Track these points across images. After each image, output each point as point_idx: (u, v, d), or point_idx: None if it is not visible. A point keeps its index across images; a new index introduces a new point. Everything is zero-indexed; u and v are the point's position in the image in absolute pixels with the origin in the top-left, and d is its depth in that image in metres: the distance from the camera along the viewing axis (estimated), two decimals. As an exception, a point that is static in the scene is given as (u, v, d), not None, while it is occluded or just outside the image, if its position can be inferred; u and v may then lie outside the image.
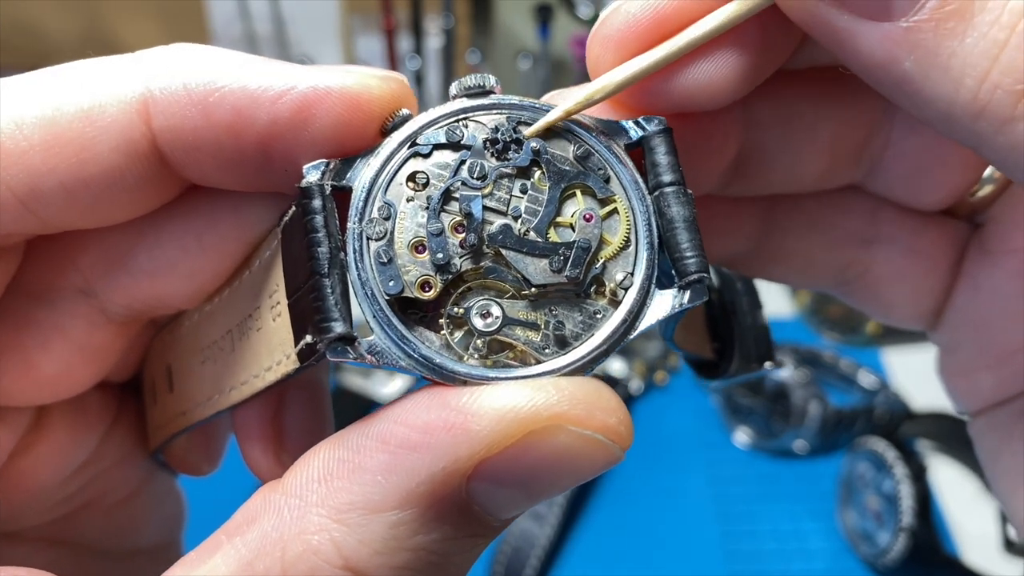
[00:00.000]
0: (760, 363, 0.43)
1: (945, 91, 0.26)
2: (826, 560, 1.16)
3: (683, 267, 0.30)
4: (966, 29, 0.25)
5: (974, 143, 0.27)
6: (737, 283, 0.44)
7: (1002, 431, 0.40)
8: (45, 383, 0.37)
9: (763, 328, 0.44)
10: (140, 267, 0.36)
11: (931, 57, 0.26)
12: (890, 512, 1.08)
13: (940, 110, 0.27)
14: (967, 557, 1.12)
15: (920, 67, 0.26)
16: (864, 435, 1.19)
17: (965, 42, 0.25)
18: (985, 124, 0.26)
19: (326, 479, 0.28)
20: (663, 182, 0.31)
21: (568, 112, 0.31)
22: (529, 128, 0.31)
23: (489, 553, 1.12)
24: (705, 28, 0.31)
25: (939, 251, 0.41)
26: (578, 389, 0.29)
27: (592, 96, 0.31)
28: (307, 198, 0.30)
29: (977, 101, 0.25)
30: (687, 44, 0.31)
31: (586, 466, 0.29)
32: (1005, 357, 0.39)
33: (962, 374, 0.42)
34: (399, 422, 0.28)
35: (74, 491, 0.42)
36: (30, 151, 0.30)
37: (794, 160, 0.38)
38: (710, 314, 0.43)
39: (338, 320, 0.28)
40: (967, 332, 0.41)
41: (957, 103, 0.26)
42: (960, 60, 0.25)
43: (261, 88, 0.30)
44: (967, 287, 0.40)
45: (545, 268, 0.30)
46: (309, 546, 0.27)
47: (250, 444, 0.41)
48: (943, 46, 0.25)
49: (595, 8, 1.68)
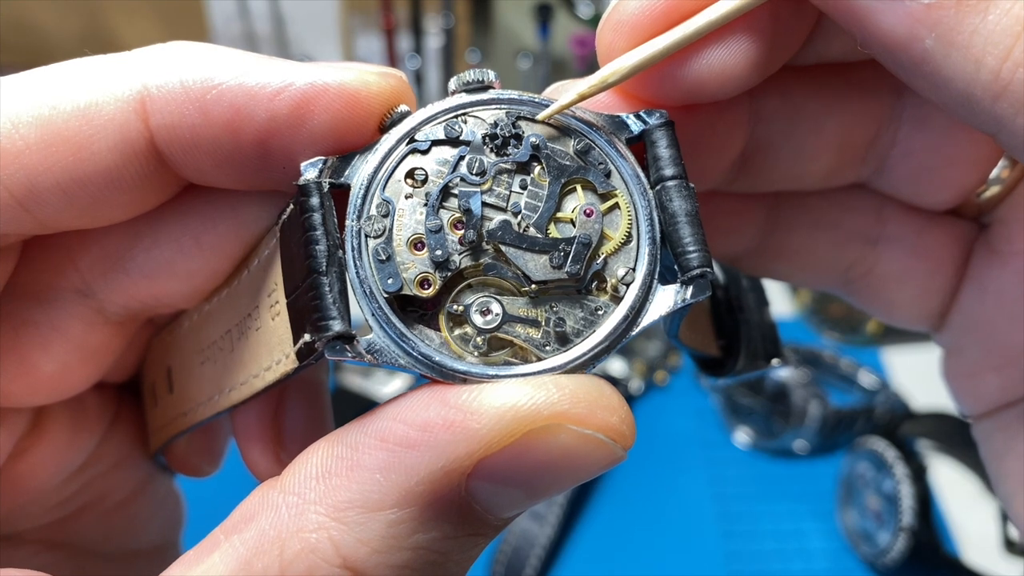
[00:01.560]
0: (768, 360, 0.42)
1: (966, 70, 0.25)
2: (826, 560, 1.16)
3: (685, 262, 0.30)
4: (988, 6, 0.25)
5: (993, 127, 0.26)
6: (743, 280, 0.43)
7: (1007, 433, 0.40)
8: (43, 383, 0.37)
9: (770, 325, 0.43)
10: (138, 267, 0.35)
11: (952, 35, 0.25)
12: (890, 512, 1.08)
13: (959, 90, 0.26)
14: (967, 557, 1.12)
15: (941, 45, 0.26)
16: (864, 435, 1.19)
17: (988, 19, 0.25)
18: (1006, 105, 0.25)
19: (324, 477, 0.28)
20: (665, 176, 0.31)
21: (582, 95, 0.31)
22: (542, 112, 0.31)
23: (489, 553, 1.12)
24: (721, 11, 0.30)
25: (945, 251, 0.40)
26: (579, 387, 0.28)
27: (606, 79, 0.31)
28: (305, 196, 0.29)
29: (999, 80, 0.25)
30: (703, 27, 0.30)
31: (587, 466, 0.28)
32: (1011, 359, 0.39)
33: (967, 376, 0.42)
34: (398, 420, 0.28)
35: (73, 493, 0.42)
36: (27, 150, 0.30)
37: (800, 156, 0.38)
38: (716, 311, 0.43)
39: (336, 318, 0.28)
40: (972, 334, 0.41)
41: (978, 82, 0.25)
42: (982, 38, 0.25)
43: (259, 85, 0.30)
44: (973, 288, 0.40)
45: (545, 264, 0.30)
46: (307, 544, 0.27)
47: (249, 444, 0.41)
48: (965, 23, 0.25)
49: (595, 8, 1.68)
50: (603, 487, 1.24)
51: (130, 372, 0.44)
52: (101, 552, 0.44)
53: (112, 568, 0.44)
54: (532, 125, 0.31)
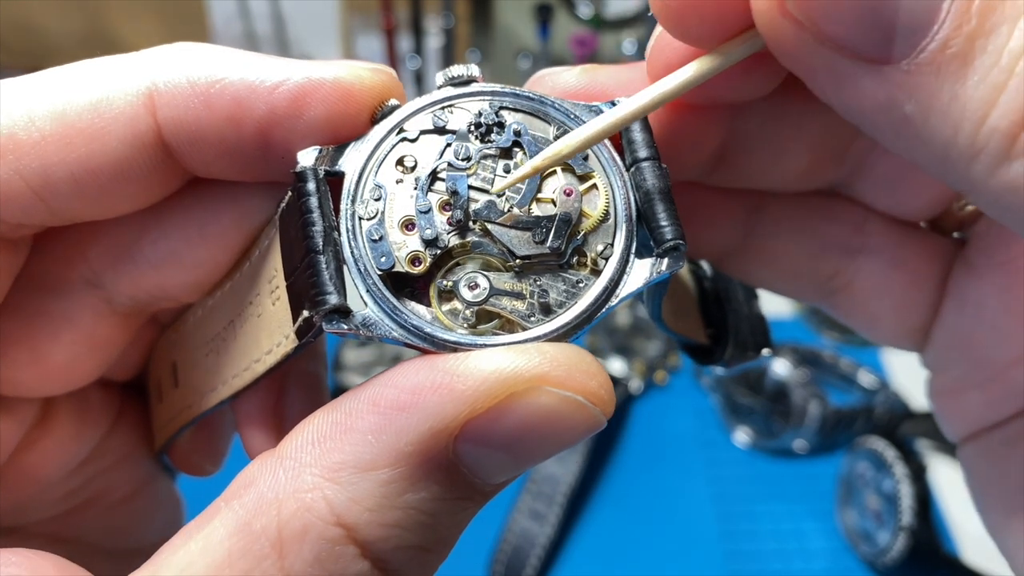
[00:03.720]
0: (757, 351, 0.43)
1: (943, 135, 0.26)
2: (826, 560, 1.16)
3: (660, 235, 0.32)
4: (967, 72, 0.25)
5: (966, 187, 0.27)
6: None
7: (990, 460, 0.40)
8: (53, 373, 0.38)
9: (759, 317, 0.45)
10: (145, 257, 0.37)
11: (932, 101, 0.25)
12: (890, 512, 1.08)
13: (936, 154, 0.26)
14: (967, 557, 1.12)
15: (921, 110, 0.26)
16: (864, 435, 1.19)
17: (967, 85, 0.25)
18: (979, 167, 0.25)
19: (320, 441, 0.29)
20: (639, 157, 0.33)
21: (536, 168, 0.31)
22: (497, 185, 0.32)
23: (489, 552, 1.12)
24: (675, 82, 0.31)
25: (925, 265, 0.41)
26: (560, 353, 0.29)
27: (560, 152, 0.31)
28: (302, 181, 0.31)
29: (974, 145, 0.25)
30: (656, 100, 0.31)
31: (568, 428, 0.29)
32: (994, 375, 0.39)
33: (951, 394, 0.42)
34: (390, 385, 0.29)
35: (76, 487, 0.43)
36: (42, 142, 0.31)
37: (779, 153, 0.39)
38: (704, 302, 0.44)
39: (332, 293, 0.29)
40: (955, 350, 0.41)
41: (955, 146, 0.26)
42: (960, 104, 0.25)
43: (259, 79, 0.32)
44: (953, 303, 0.40)
45: (528, 240, 0.32)
46: (303, 504, 0.28)
47: (252, 434, 0.42)
48: (944, 90, 0.25)
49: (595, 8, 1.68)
50: (603, 487, 1.24)
51: (134, 371, 0.45)
52: (103, 548, 0.44)
53: (114, 565, 0.44)
54: (514, 114, 0.33)
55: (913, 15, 0.25)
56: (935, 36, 0.25)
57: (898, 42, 0.25)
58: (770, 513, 1.21)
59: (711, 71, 0.31)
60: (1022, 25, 0.24)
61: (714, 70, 0.31)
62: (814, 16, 0.26)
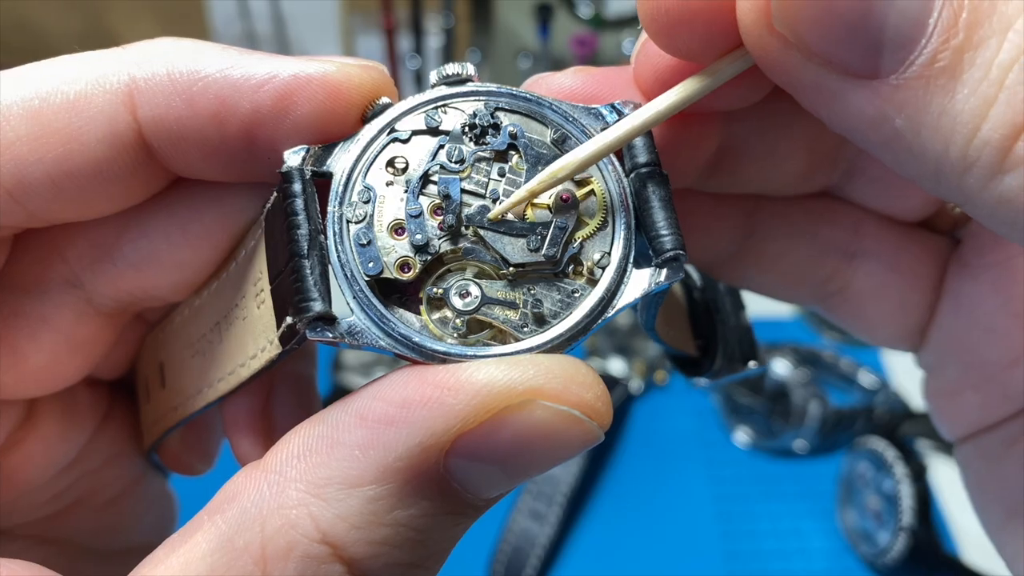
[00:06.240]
0: (744, 363, 0.43)
1: (935, 149, 0.25)
2: (826, 560, 1.15)
3: (659, 244, 0.31)
4: (956, 86, 0.24)
5: (960, 200, 0.27)
6: (720, 284, 0.44)
7: (989, 459, 0.40)
8: (34, 375, 0.37)
9: (746, 328, 0.44)
10: (125, 258, 0.36)
11: (922, 115, 0.25)
12: (890, 512, 1.08)
13: (928, 168, 0.26)
14: (967, 557, 1.11)
15: (911, 125, 0.25)
16: (864, 435, 1.19)
17: (956, 99, 0.25)
18: (972, 180, 0.25)
19: (305, 455, 0.28)
20: (639, 163, 0.32)
21: (532, 192, 0.31)
22: (493, 211, 0.31)
23: (489, 553, 1.12)
24: (668, 102, 0.31)
25: (921, 266, 0.41)
26: (554, 365, 0.28)
27: (555, 174, 0.31)
28: (287, 182, 0.30)
29: (966, 158, 0.25)
30: (649, 120, 0.31)
31: (563, 443, 0.28)
32: (988, 375, 0.39)
33: (947, 395, 0.42)
34: (378, 398, 0.28)
35: (64, 488, 0.42)
36: (17, 142, 0.30)
37: (772, 157, 0.38)
38: (693, 313, 0.43)
39: (316, 300, 0.28)
40: (951, 351, 0.41)
41: (947, 160, 0.25)
42: (951, 118, 0.25)
43: (243, 77, 0.30)
44: (949, 304, 0.40)
45: (523, 247, 0.31)
46: (287, 520, 0.27)
47: (239, 438, 0.41)
48: (934, 103, 0.25)
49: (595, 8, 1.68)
50: (603, 487, 1.24)
51: (122, 369, 0.44)
52: (93, 548, 0.44)
53: (104, 565, 0.44)
54: (510, 116, 0.32)
55: (900, 29, 0.25)
56: (923, 50, 0.25)
57: (886, 56, 0.25)
58: (770, 513, 1.21)
59: (701, 91, 0.30)
60: (1011, 37, 0.24)
61: (704, 89, 0.30)
62: (801, 32, 0.26)
